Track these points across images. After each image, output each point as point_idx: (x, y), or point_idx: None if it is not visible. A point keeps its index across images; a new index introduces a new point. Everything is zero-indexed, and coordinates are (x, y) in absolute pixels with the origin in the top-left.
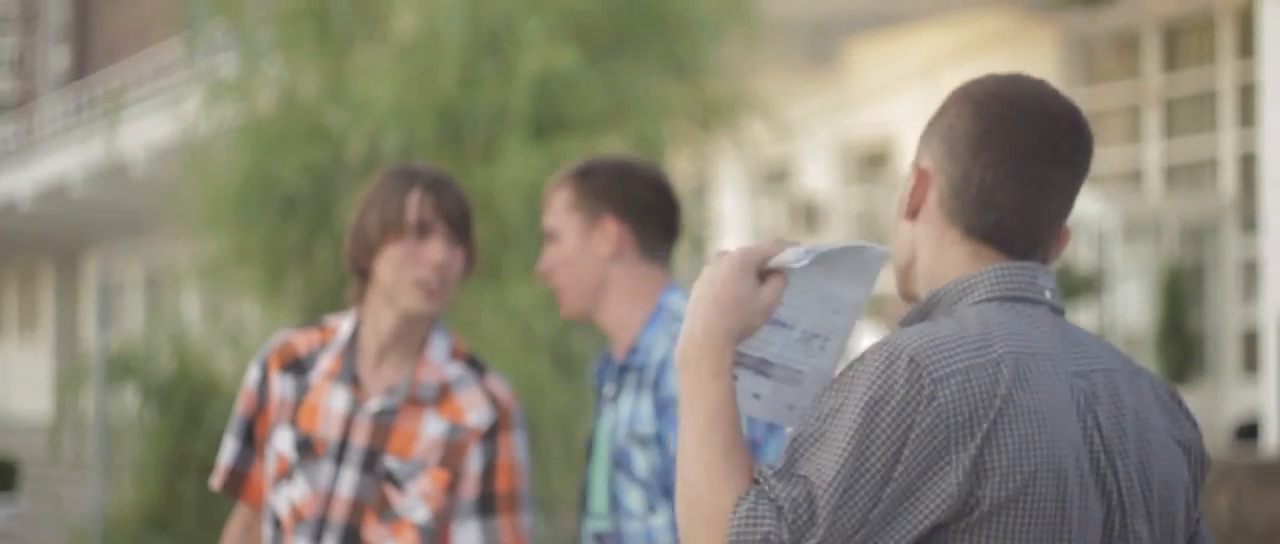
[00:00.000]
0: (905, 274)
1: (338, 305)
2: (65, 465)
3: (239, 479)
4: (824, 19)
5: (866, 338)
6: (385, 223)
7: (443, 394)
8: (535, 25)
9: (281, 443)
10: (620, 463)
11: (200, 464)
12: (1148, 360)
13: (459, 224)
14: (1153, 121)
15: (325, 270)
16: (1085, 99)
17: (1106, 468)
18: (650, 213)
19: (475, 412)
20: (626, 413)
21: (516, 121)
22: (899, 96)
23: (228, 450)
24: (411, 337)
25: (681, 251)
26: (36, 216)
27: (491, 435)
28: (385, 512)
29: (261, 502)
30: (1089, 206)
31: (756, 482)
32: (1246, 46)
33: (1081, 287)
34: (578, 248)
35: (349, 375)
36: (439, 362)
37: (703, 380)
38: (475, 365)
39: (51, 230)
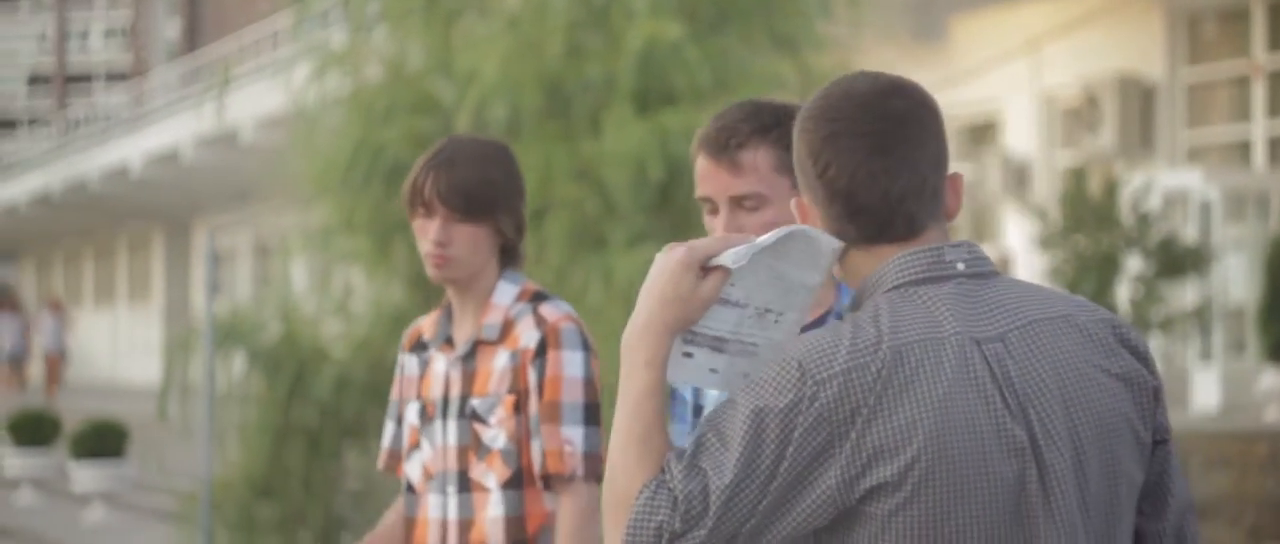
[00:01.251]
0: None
1: None
2: (173, 431)
3: (396, 458)
4: None
5: None
6: (404, 198)
7: (506, 330)
8: None
9: (410, 415)
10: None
11: (306, 431)
12: (1249, 335)
13: (459, 203)
14: (1259, 97)
15: None
16: (1189, 75)
17: (1015, 426)
18: None
19: (526, 335)
20: None
21: (621, 94)
22: (1003, 72)
23: (386, 433)
24: (468, 294)
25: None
26: (147, 183)
27: (541, 353)
28: (480, 449)
29: None
30: (1192, 181)
31: (662, 471)
32: None
33: (1185, 261)
34: (790, 216)
35: (442, 338)
36: (505, 304)
37: (636, 367)
38: (537, 298)
39: (162, 198)
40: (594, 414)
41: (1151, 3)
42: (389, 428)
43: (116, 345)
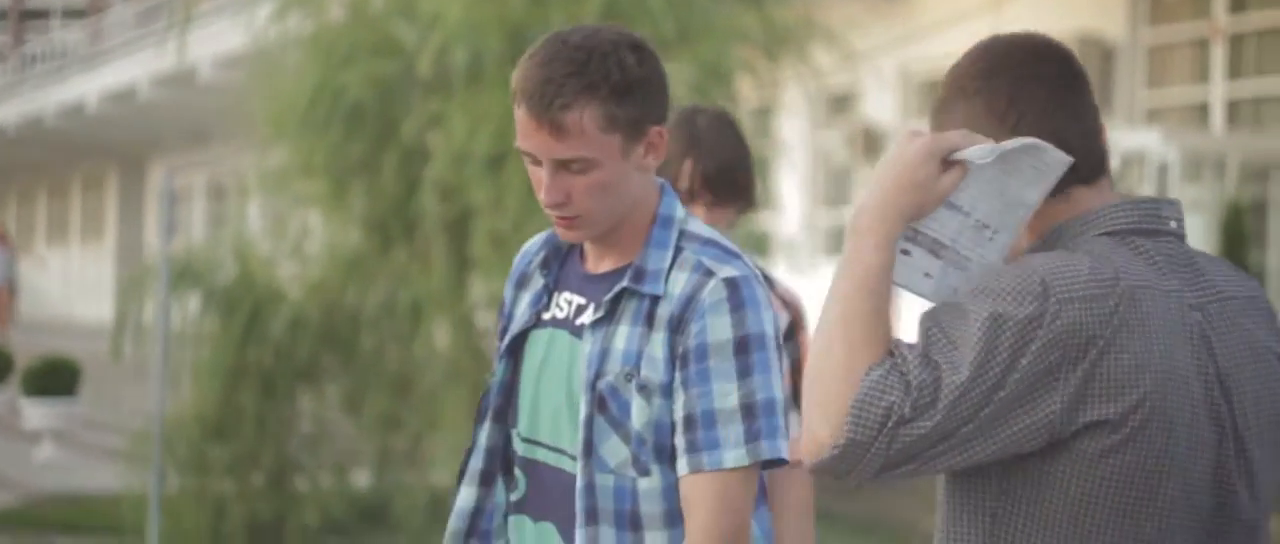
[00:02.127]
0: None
1: (401, 218)
2: (126, 370)
3: None
4: None
5: None
6: None
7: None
8: None
9: None
10: (605, 404)
11: (260, 372)
12: None
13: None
14: (1218, 59)
15: (390, 183)
16: (1150, 36)
17: (1220, 398)
18: None
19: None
20: (623, 345)
21: None
22: (964, 28)
23: None
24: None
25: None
26: (102, 120)
27: (790, 336)
28: None
29: None
30: (1151, 142)
31: (891, 355)
32: None
33: None
34: (621, 174)
35: None
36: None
37: (866, 248)
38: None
39: (117, 136)
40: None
41: None
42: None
43: (68, 283)
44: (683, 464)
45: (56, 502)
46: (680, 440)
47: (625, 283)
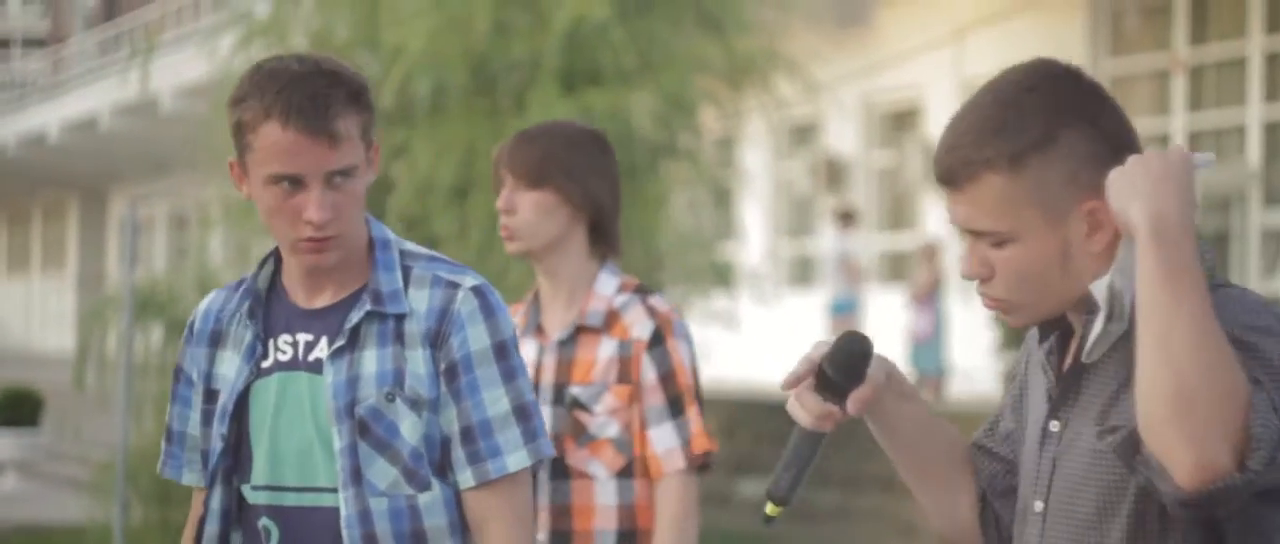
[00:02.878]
0: (1074, 297)
1: None
2: (89, 401)
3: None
4: None
5: (889, 297)
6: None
7: (610, 319)
8: None
9: None
10: (368, 428)
11: None
12: None
13: (523, 170)
14: (1179, 90)
15: None
16: (1111, 68)
17: None
18: None
19: (637, 325)
20: (375, 368)
21: (547, 73)
22: (926, 61)
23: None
24: (556, 278)
25: (703, 204)
26: (64, 150)
27: (658, 343)
28: (582, 436)
29: None
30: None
31: (1255, 380)
32: (1275, 19)
33: None
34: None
35: (533, 325)
36: (607, 294)
37: (1189, 259)
38: (641, 291)
39: (79, 165)
40: (698, 400)
41: None
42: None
43: (29, 314)
44: (467, 476)
45: (20, 533)
46: (459, 454)
47: (367, 307)
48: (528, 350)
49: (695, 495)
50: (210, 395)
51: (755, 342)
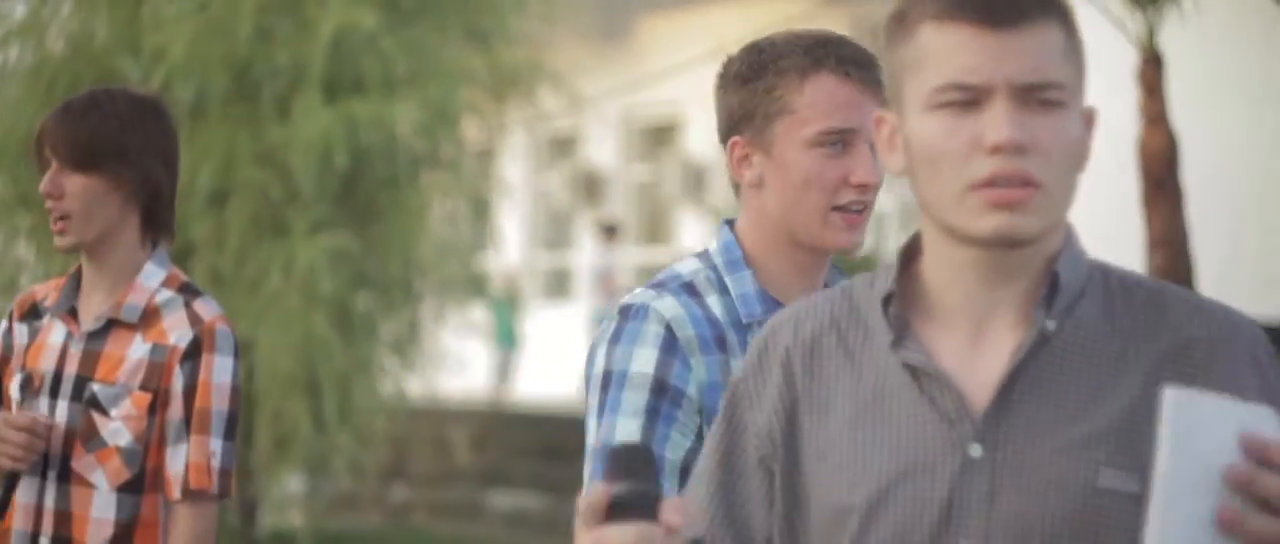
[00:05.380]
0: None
1: None
2: None
3: None
4: None
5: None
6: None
7: (149, 317)
8: None
9: (11, 387)
10: None
11: None
12: None
13: (69, 152)
14: None
15: None
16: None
17: None
18: None
19: (176, 330)
20: None
21: (311, 81)
22: (687, 76)
23: None
24: (101, 265)
25: (462, 214)
26: None
27: (192, 355)
28: (92, 439)
29: None
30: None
31: None
32: None
33: (857, 269)
34: None
35: (65, 307)
36: (151, 287)
37: None
38: (187, 290)
39: None
40: (234, 426)
41: (837, 13)
42: None
43: None
44: None
45: None
46: None
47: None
48: (55, 335)
49: (208, 524)
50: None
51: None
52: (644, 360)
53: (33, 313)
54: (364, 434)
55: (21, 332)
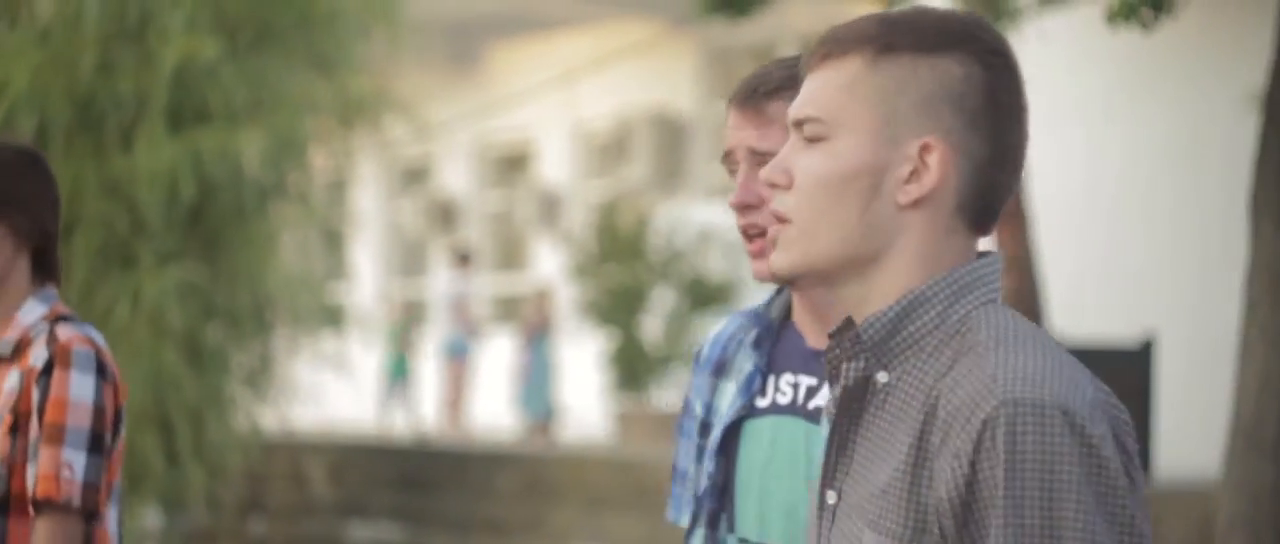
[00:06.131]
0: (851, 266)
1: None
2: None
3: None
4: (466, 21)
5: (500, 340)
6: None
7: (20, 348)
8: (177, 15)
9: None
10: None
11: None
12: None
13: None
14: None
15: None
16: (723, 111)
17: None
18: None
19: (36, 353)
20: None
21: (155, 111)
22: (538, 102)
23: None
24: None
25: (313, 245)
26: None
27: (47, 372)
28: None
29: None
30: (722, 216)
31: None
32: None
33: (714, 295)
34: None
35: None
36: (29, 322)
37: None
38: (59, 319)
39: None
40: (99, 443)
41: (685, 38)
42: None
43: None
44: None
45: None
46: None
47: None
48: None
49: (68, 536)
50: (704, 429)
51: (366, 385)
52: None
53: None
54: (218, 468)
55: None
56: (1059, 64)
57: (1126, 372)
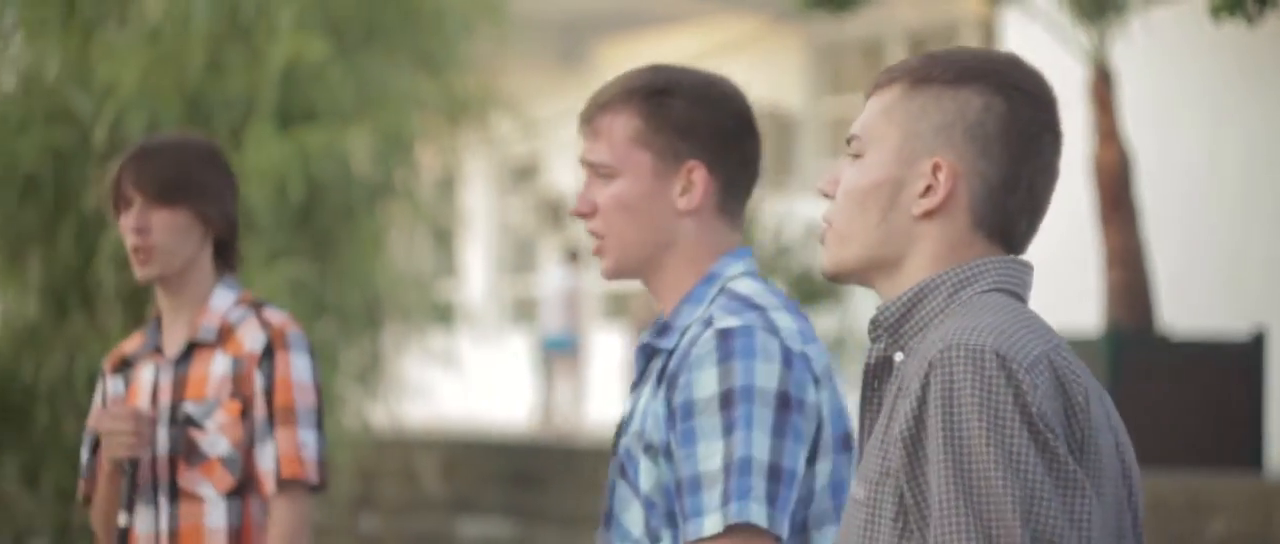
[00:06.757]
0: (878, 267)
1: (79, 288)
2: None
3: (92, 486)
4: (574, 19)
5: (610, 337)
6: (108, 201)
7: (224, 334)
8: (285, 14)
9: None
10: (624, 468)
11: None
12: None
13: (158, 190)
14: None
15: (67, 252)
16: (831, 107)
17: (1125, 451)
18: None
19: (250, 337)
20: (641, 407)
21: (263, 110)
22: None
23: (83, 463)
24: (179, 297)
25: (422, 242)
26: None
27: (268, 356)
28: (194, 455)
29: None
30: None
31: None
32: None
33: (822, 291)
34: (647, 191)
35: (150, 347)
36: (222, 309)
37: None
38: (256, 305)
39: None
40: (321, 420)
41: (792, 34)
42: (84, 456)
43: None
44: (681, 533)
45: None
46: (676, 507)
47: (647, 339)
48: (145, 373)
49: (302, 516)
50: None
51: (476, 381)
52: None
53: (123, 365)
54: (329, 465)
55: (116, 383)
56: (1163, 53)
57: (1237, 365)
